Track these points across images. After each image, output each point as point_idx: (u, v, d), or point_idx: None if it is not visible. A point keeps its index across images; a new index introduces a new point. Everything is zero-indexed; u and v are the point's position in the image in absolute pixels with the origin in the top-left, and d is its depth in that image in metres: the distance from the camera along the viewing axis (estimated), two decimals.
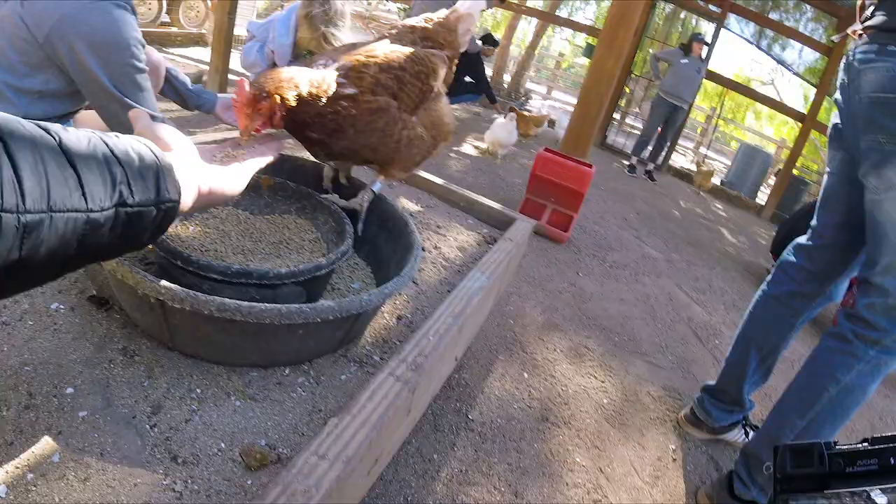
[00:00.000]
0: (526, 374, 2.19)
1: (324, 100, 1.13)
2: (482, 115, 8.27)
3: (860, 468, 0.72)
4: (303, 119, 1.13)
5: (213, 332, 0.95)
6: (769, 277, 2.12)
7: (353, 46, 1.36)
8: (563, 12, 14.26)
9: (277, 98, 1.06)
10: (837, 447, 0.74)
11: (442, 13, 1.52)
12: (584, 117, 4.10)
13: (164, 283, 0.87)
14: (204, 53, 7.28)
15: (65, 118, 1.96)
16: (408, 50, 1.33)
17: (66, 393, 0.91)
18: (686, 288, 3.85)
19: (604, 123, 8.25)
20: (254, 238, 1.30)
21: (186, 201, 0.74)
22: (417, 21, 1.48)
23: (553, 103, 14.27)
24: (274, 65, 3.29)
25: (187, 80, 2.51)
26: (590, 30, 10.99)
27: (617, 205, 5.11)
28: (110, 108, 1.85)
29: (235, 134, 1.87)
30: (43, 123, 0.58)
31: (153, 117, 1.93)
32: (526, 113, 6.70)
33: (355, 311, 0.95)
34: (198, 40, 8.83)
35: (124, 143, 0.66)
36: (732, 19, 9.21)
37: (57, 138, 0.57)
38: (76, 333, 1.03)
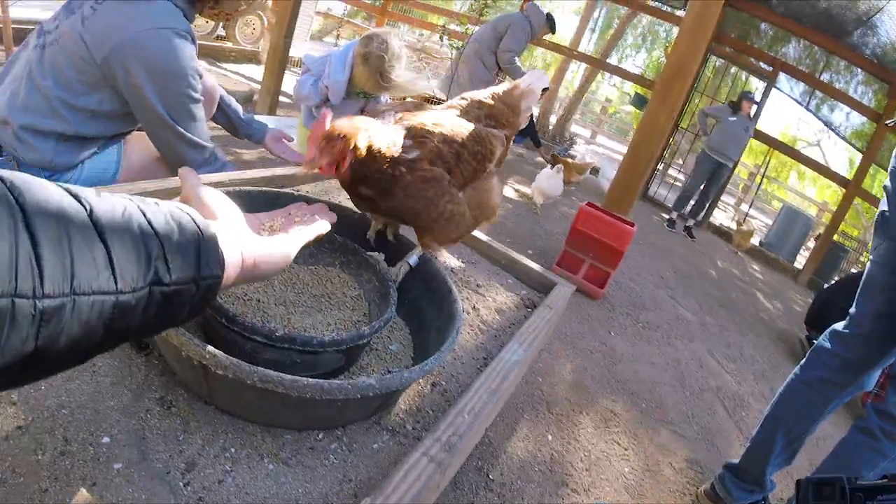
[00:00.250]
0: (550, 437, 2.16)
1: (389, 159, 1.14)
2: (525, 156, 8.30)
3: (880, 503, 0.71)
4: (363, 174, 1.14)
5: (254, 399, 0.94)
6: (802, 361, 2.08)
7: (419, 106, 1.37)
8: (613, 59, 14.32)
9: (352, 144, 1.07)
10: (859, 482, 0.74)
11: (504, 86, 1.53)
12: (631, 172, 4.07)
13: (209, 348, 0.87)
14: (256, 71, 7.43)
15: (116, 138, 2.00)
16: (472, 127, 1.34)
17: (102, 442, 0.90)
18: (717, 355, 3.79)
19: (647, 175, 8.22)
20: (296, 289, 1.31)
21: (230, 275, 0.70)
22: (486, 97, 1.48)
23: (596, 148, 14.29)
24: (327, 100, 3.35)
25: (239, 109, 2.55)
26: (639, 78, 11.02)
27: (654, 261, 5.06)
28: (162, 135, 1.89)
29: (283, 170, 1.90)
30: (74, 188, 0.53)
31: (204, 147, 1.98)
32: (569, 160, 6.69)
33: (394, 388, 0.94)
34: (251, 57, 9.02)
35: (163, 212, 0.61)
36: (782, 78, 9.15)
37: (88, 207, 0.52)
38: (115, 378, 1.03)
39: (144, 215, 0.58)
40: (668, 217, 7.51)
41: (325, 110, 1.09)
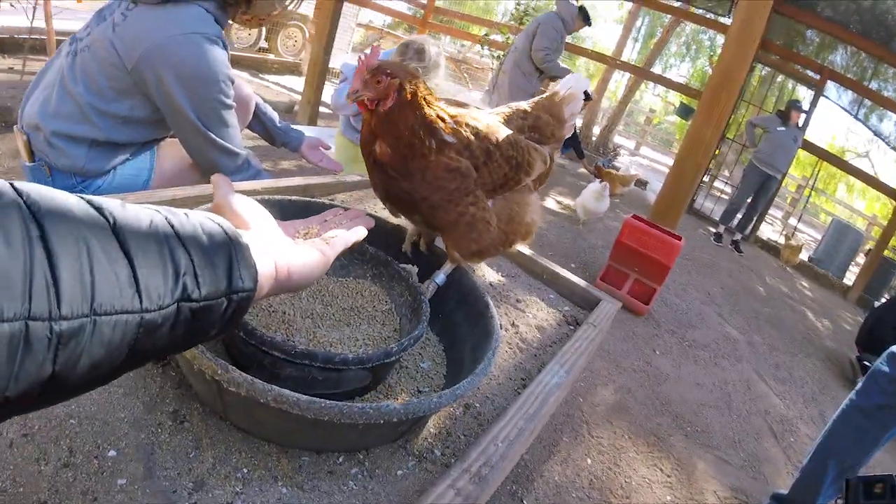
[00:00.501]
0: (589, 461, 2.06)
1: (428, 123, 1.09)
2: (568, 167, 8.19)
3: None
4: (396, 122, 1.08)
5: (269, 418, 0.88)
6: (858, 386, 1.96)
7: (459, 104, 1.30)
8: (656, 68, 14.11)
9: (398, 83, 1.05)
10: None
11: (545, 95, 1.45)
12: (677, 186, 3.95)
13: (221, 362, 0.80)
14: (298, 83, 7.48)
15: (149, 145, 1.98)
16: (510, 132, 1.26)
17: (108, 455, 0.85)
18: (765, 375, 3.63)
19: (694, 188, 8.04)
20: (325, 301, 1.24)
21: (263, 287, 0.65)
22: (528, 106, 1.40)
23: (641, 160, 14.09)
24: None
25: (275, 117, 2.52)
26: (683, 88, 10.81)
27: (701, 277, 4.90)
28: (194, 141, 1.86)
29: (319, 179, 1.84)
30: (97, 199, 0.50)
31: (237, 154, 1.94)
32: (613, 171, 6.56)
33: (422, 413, 0.86)
34: (293, 69, 9.11)
35: (192, 223, 0.57)
36: (830, 86, 8.87)
37: (111, 219, 0.48)
38: (127, 389, 0.97)
39: (172, 227, 0.54)
40: (714, 231, 7.31)
41: (374, 45, 1.05)
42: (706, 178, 9.04)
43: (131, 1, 1.75)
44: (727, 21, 7.68)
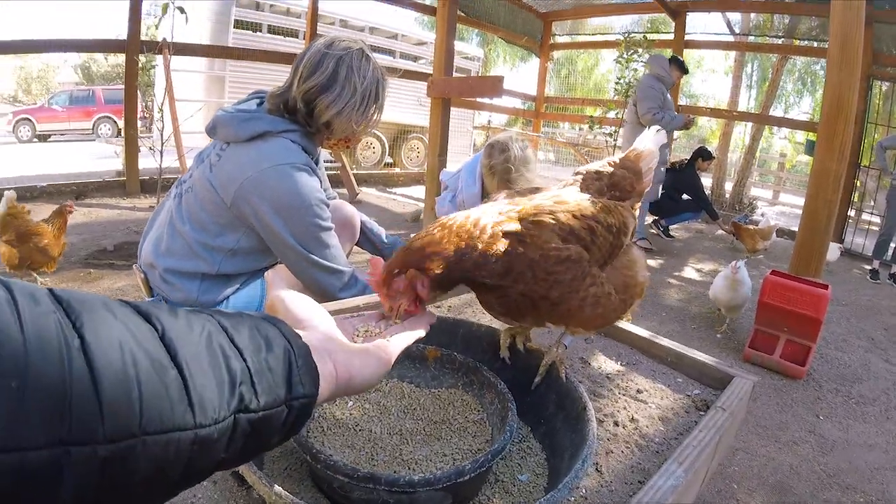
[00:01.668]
0: None
1: (479, 246, 0.99)
2: (705, 231, 7.81)
3: None
4: (460, 275, 1.00)
5: None
6: None
7: (535, 190, 1.25)
8: (777, 111, 13.45)
9: (413, 273, 0.95)
10: None
11: (620, 154, 1.40)
12: (812, 231, 3.62)
13: (276, 488, 0.78)
14: (423, 192, 7.72)
15: (259, 273, 2.06)
16: (598, 200, 1.20)
17: None
18: None
19: (838, 227, 7.36)
20: (415, 416, 1.20)
21: (323, 391, 0.60)
22: (603, 166, 1.35)
23: (782, 209, 13.27)
24: None
25: (382, 233, 2.57)
26: (807, 125, 10.18)
27: (861, 321, 4.39)
28: (297, 265, 1.92)
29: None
30: (145, 305, 0.47)
31: (342, 272, 1.97)
32: (751, 226, 6.17)
33: None
34: (419, 179, 9.47)
35: (247, 326, 0.54)
36: None
37: (159, 328, 0.45)
38: None
39: (226, 332, 0.51)
40: (869, 268, 6.58)
41: (371, 259, 0.97)
42: (851, 213, 8.27)
43: (224, 142, 1.88)
44: None
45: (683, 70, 6.23)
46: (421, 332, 0.91)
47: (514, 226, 1.04)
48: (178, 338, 0.45)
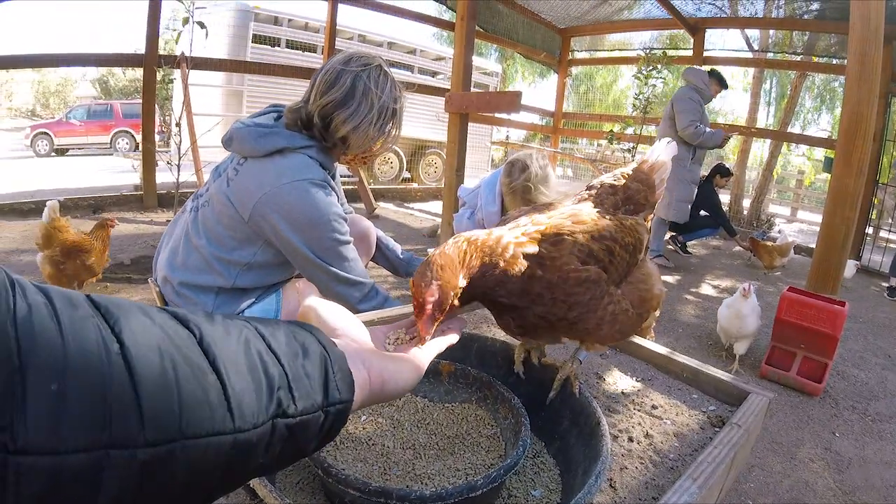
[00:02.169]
0: None
1: (501, 264, 0.98)
2: (722, 248, 7.75)
3: None
4: (481, 292, 1.00)
5: None
6: None
7: (549, 205, 1.25)
8: (795, 128, 13.35)
9: (431, 299, 0.89)
10: None
11: (632, 165, 1.40)
12: (829, 248, 3.57)
13: (288, 502, 0.77)
14: (440, 207, 7.72)
15: (274, 287, 2.06)
16: (615, 218, 1.19)
17: None
18: None
19: (856, 244, 7.25)
20: (429, 430, 1.19)
21: (357, 398, 0.60)
22: (617, 179, 1.35)
23: (800, 226, 13.16)
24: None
25: (398, 248, 2.58)
26: (826, 142, 10.12)
27: (878, 339, 4.32)
28: (317, 277, 1.92)
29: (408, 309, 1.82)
30: (182, 312, 0.47)
31: (362, 283, 1.97)
32: (769, 242, 6.11)
33: None
34: (437, 194, 9.49)
35: (284, 333, 0.54)
36: None
37: (197, 333, 0.45)
38: None
39: (263, 338, 0.51)
40: (887, 285, 6.48)
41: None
42: (869, 231, 8.16)
43: (242, 156, 1.89)
44: None
45: (723, 85, 5.88)
46: (454, 338, 0.90)
47: (535, 248, 1.03)
48: (216, 343, 0.45)
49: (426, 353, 0.79)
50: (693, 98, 5.48)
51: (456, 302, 0.94)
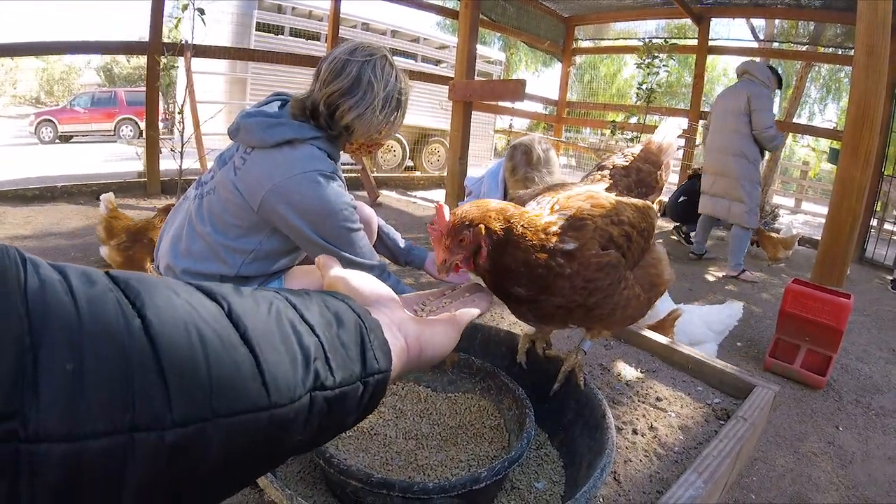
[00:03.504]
0: None
1: (538, 246, 0.95)
2: (726, 239, 7.71)
3: None
4: (508, 266, 0.95)
5: None
6: None
7: (564, 186, 1.23)
8: (801, 118, 13.24)
9: (483, 228, 0.91)
10: None
11: (638, 147, 1.39)
12: (835, 240, 3.56)
13: (288, 492, 0.78)
14: (443, 196, 7.70)
15: (276, 275, 2.05)
16: (633, 202, 1.17)
17: None
18: None
19: (860, 236, 7.22)
20: (431, 420, 1.18)
21: (396, 366, 0.57)
22: (628, 160, 1.33)
23: (805, 217, 13.12)
24: None
25: (398, 238, 2.56)
26: (831, 133, 10.07)
27: (882, 332, 4.29)
28: None
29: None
30: (208, 285, 0.45)
31: (372, 265, 1.96)
32: (774, 234, 6.08)
33: None
34: (440, 183, 9.45)
35: (317, 303, 0.51)
36: None
37: (225, 306, 0.42)
38: None
39: (295, 308, 0.48)
40: (891, 278, 6.45)
41: (438, 204, 0.94)
42: (874, 223, 8.11)
43: (248, 146, 1.88)
44: None
45: (780, 83, 5.27)
46: (483, 308, 0.86)
47: (574, 245, 1.00)
48: (246, 315, 0.43)
49: (463, 315, 0.76)
50: (769, 96, 4.99)
51: (484, 251, 0.93)
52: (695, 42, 8.74)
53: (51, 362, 0.30)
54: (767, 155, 5.25)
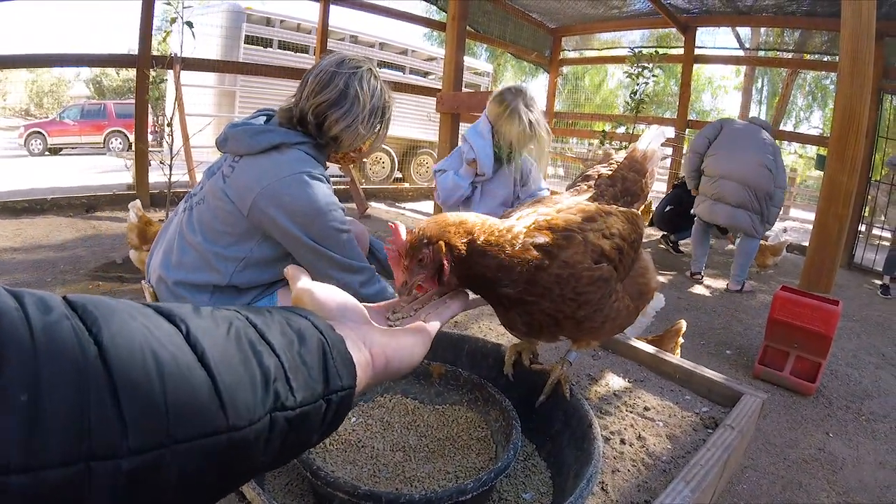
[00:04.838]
0: None
1: (507, 249, 0.94)
2: (715, 246, 7.76)
3: None
4: (483, 274, 0.94)
5: None
6: None
7: (551, 199, 1.24)
8: (788, 125, 13.38)
9: (443, 245, 0.89)
10: None
11: (622, 154, 1.41)
12: (822, 246, 3.59)
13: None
14: (433, 207, 7.70)
15: (270, 288, 2.05)
16: (622, 213, 1.18)
17: None
18: None
19: (849, 242, 7.26)
20: (419, 432, 1.19)
21: (361, 380, 0.57)
22: (613, 169, 1.34)
23: (792, 224, 13.20)
24: (476, 175, 3.17)
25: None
26: (818, 139, 10.16)
27: (872, 338, 4.32)
28: (318, 266, 1.92)
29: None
30: (167, 306, 0.44)
31: (361, 269, 1.98)
32: (763, 241, 6.11)
33: None
34: (428, 194, 9.47)
35: (277, 321, 0.51)
36: None
37: (184, 328, 0.42)
38: None
39: (256, 328, 0.48)
40: (880, 283, 6.48)
41: (392, 224, 0.93)
42: (862, 228, 8.16)
43: (236, 155, 1.89)
44: None
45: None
46: (455, 310, 0.86)
47: (545, 238, 1.00)
48: (205, 336, 0.42)
49: (432, 324, 0.75)
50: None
51: (446, 264, 0.91)
52: (681, 51, 8.82)
53: (5, 394, 0.30)
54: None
